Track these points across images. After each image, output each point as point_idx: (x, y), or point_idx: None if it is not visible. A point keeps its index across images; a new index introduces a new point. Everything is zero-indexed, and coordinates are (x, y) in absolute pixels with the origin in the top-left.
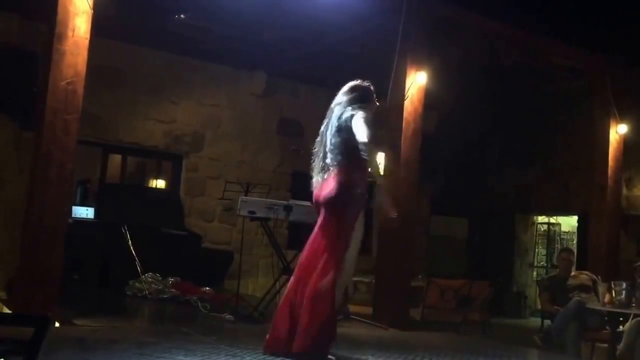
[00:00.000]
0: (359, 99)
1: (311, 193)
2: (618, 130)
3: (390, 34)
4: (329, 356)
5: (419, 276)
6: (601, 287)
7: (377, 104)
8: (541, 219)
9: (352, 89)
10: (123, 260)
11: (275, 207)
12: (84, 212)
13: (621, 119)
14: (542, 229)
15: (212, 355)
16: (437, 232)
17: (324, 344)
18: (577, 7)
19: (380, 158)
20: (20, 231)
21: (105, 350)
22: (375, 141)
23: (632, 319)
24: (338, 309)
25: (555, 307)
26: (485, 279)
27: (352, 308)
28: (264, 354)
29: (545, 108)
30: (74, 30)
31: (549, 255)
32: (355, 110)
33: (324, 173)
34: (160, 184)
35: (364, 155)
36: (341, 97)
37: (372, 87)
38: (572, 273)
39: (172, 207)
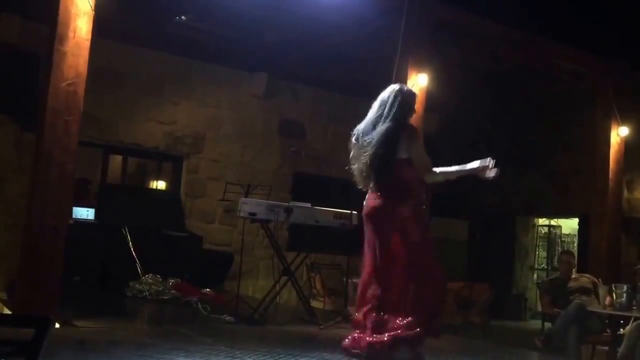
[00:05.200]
0: None
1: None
2: (619, 133)
3: (392, 35)
4: None
5: None
6: (602, 290)
7: None
8: (542, 221)
9: None
10: (123, 261)
11: (276, 209)
12: (84, 213)
13: (622, 121)
14: (543, 232)
15: (212, 357)
16: (438, 234)
17: None
18: (579, 9)
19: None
20: (21, 232)
21: (106, 352)
22: None
23: (633, 322)
24: None
25: (555, 309)
26: (486, 281)
27: (352, 309)
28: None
29: (546, 110)
30: (75, 32)
31: (550, 257)
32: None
33: None
34: (160, 185)
35: None
36: None
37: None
38: (573, 275)
39: (172, 209)
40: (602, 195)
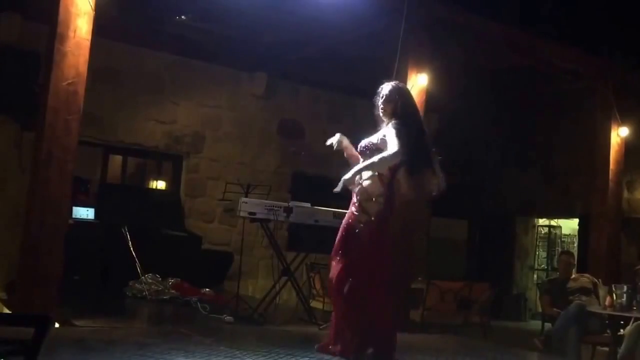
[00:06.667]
0: None
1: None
2: (619, 133)
3: (391, 35)
4: None
5: (419, 278)
6: (602, 290)
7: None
8: (542, 221)
9: None
10: (123, 261)
11: (276, 209)
12: (84, 213)
13: (622, 121)
14: (543, 232)
15: (212, 357)
16: (437, 234)
17: None
18: (578, 9)
19: None
20: (21, 231)
21: (105, 351)
22: None
23: (633, 323)
24: None
25: (555, 309)
26: (486, 281)
27: None
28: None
29: (546, 110)
30: (75, 31)
31: (550, 258)
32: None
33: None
34: (160, 184)
35: None
36: None
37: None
38: (573, 276)
39: (172, 208)
40: (602, 195)
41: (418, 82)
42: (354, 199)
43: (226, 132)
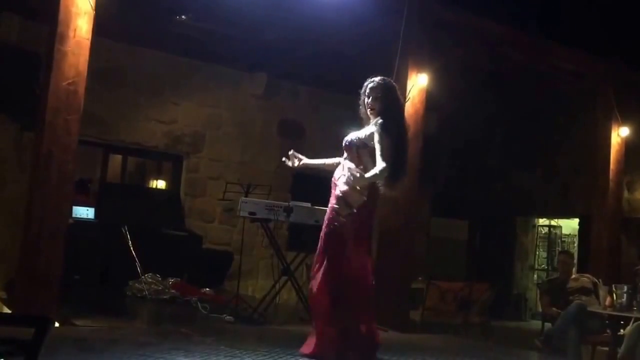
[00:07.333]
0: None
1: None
2: (620, 133)
3: (392, 35)
4: None
5: (419, 278)
6: (602, 290)
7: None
8: (542, 221)
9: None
10: (123, 260)
11: (276, 209)
12: (84, 213)
13: (623, 121)
14: (543, 232)
15: (212, 356)
16: (438, 234)
17: None
18: (579, 10)
19: None
20: (21, 231)
21: (106, 351)
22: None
23: (633, 323)
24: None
25: (555, 309)
26: (486, 281)
27: None
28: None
29: (547, 110)
30: (75, 31)
31: (550, 258)
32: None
33: None
34: (160, 184)
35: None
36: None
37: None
38: (573, 276)
39: (172, 208)
40: (603, 195)
41: (418, 82)
42: (335, 191)
43: (226, 132)
